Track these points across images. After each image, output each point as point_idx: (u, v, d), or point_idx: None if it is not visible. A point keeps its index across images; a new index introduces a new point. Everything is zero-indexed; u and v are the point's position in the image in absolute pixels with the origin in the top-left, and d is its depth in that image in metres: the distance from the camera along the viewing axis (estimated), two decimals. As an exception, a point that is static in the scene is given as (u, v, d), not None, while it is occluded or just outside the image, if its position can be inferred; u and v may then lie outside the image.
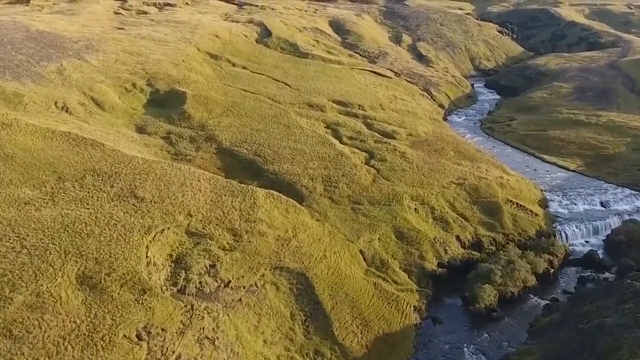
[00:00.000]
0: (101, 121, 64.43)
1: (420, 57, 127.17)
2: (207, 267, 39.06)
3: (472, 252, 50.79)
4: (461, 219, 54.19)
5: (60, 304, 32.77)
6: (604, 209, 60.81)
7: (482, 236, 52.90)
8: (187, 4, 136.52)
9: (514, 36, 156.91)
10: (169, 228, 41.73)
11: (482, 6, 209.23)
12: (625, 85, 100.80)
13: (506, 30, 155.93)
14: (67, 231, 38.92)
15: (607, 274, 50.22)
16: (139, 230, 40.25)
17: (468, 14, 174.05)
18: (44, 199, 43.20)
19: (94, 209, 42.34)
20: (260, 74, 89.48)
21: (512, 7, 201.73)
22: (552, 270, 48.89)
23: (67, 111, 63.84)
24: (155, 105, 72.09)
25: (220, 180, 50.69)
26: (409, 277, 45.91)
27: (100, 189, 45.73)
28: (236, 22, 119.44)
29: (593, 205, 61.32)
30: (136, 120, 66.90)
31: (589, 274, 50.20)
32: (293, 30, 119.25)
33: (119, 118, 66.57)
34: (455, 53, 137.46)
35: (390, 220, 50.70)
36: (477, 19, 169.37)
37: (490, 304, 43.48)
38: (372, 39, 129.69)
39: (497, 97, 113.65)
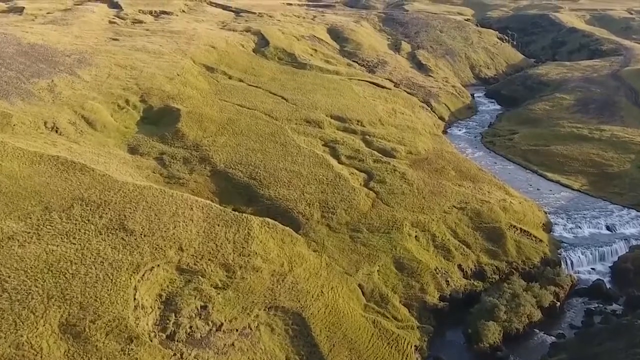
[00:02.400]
0: (92, 141, 62.63)
1: (420, 66, 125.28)
2: (198, 309, 37.26)
3: (475, 282, 49.09)
4: (463, 246, 52.40)
5: (41, 357, 30.96)
6: (609, 232, 59.06)
7: (485, 265, 51.14)
8: (183, 11, 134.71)
9: (514, 43, 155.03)
10: (158, 265, 39.93)
11: (481, 11, 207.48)
12: (628, 97, 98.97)
13: (506, 37, 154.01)
14: (51, 271, 37.12)
15: (614, 306, 48.45)
16: (127, 269, 38.43)
17: (467, 19, 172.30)
18: (29, 232, 41.39)
19: (80, 244, 40.52)
20: (257, 87, 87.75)
21: (512, 12, 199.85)
22: (558, 303, 47.08)
23: (57, 131, 62.07)
24: (149, 123, 70.34)
25: (214, 208, 48.83)
26: (409, 312, 44.15)
27: (88, 220, 43.91)
28: (233, 30, 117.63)
29: (598, 228, 59.55)
30: (128, 140, 65.11)
31: (596, 305, 48.43)
32: (291, 39, 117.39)
33: (111, 137, 64.77)
34: (455, 61, 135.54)
35: (390, 249, 48.93)
36: (476, 24, 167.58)
37: (494, 342, 41.68)
38: (370, 47, 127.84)
39: (498, 107, 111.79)
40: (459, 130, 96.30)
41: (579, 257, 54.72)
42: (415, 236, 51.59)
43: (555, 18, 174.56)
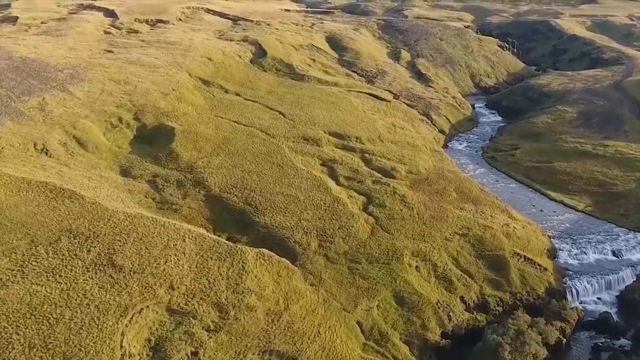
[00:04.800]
0: (83, 163, 60.81)
1: (420, 76, 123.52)
2: (188, 356, 35.59)
3: (478, 315, 47.45)
4: (465, 276, 50.68)
5: (20, 417, 29.26)
6: (616, 258, 57.37)
7: (488, 296, 49.44)
8: (180, 20, 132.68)
9: (515, 51, 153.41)
10: (148, 306, 38.17)
11: (481, 16, 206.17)
12: (631, 110, 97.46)
13: (507, 45, 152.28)
14: (35, 316, 35.41)
15: (622, 340, 46.75)
16: (114, 312, 36.68)
17: (467, 26, 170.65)
18: (13, 270, 39.67)
19: (66, 284, 38.79)
20: (254, 101, 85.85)
21: (512, 18, 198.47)
22: (565, 339, 45.34)
23: (47, 153, 60.23)
24: (142, 142, 68.52)
25: (207, 239, 47.02)
26: (410, 351, 42.45)
27: (76, 255, 42.19)
28: (230, 40, 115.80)
29: (604, 254, 57.86)
30: (121, 161, 63.25)
31: (603, 340, 46.72)
32: (289, 49, 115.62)
33: (103, 159, 62.93)
34: (455, 70, 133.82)
35: (390, 282, 47.17)
36: (476, 31, 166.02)
37: (498, 385, 40.02)
38: (370, 56, 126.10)
39: (499, 118, 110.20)
40: (460, 144, 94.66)
41: (585, 286, 53.02)
42: (416, 266, 49.86)
43: (555, 25, 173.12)
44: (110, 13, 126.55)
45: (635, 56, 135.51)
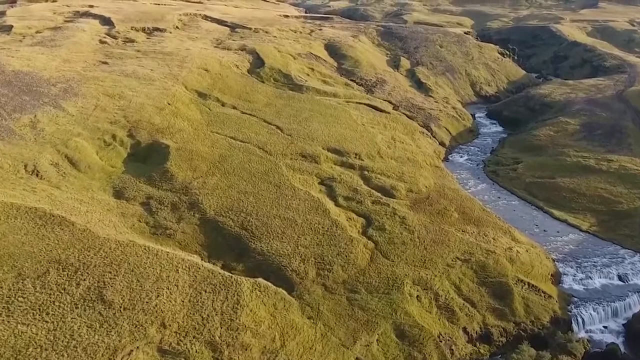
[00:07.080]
0: (75, 185, 59.20)
1: (419, 85, 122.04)
2: (180, 403, 34.05)
3: (481, 348, 46.07)
4: (468, 305, 49.18)
5: None
6: (622, 283, 55.89)
7: (492, 326, 47.96)
8: (177, 27, 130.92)
9: (515, 58, 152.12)
10: (138, 347, 36.66)
11: (481, 21, 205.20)
12: (635, 122, 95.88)
13: (507, 52, 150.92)
14: (19, 360, 33.88)
15: (630, 374, 45.42)
16: (102, 355, 35.17)
17: (467, 32, 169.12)
18: (-2, 307, 38.13)
19: (53, 323, 37.27)
20: (251, 114, 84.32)
21: (512, 23, 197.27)
22: (571, 374, 44.02)
23: (37, 175, 58.58)
24: (136, 160, 66.94)
25: (201, 268, 45.51)
26: (411, 389, 40.99)
27: (64, 289, 40.69)
28: (228, 49, 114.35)
29: (610, 278, 56.37)
30: (114, 181, 61.65)
31: (611, 374, 45.38)
32: (287, 58, 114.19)
33: (95, 179, 61.32)
34: (455, 78, 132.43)
35: (390, 314, 45.64)
36: (476, 38, 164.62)
37: None
38: (369, 64, 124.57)
39: (500, 129, 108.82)
40: (461, 157, 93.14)
41: (591, 314, 51.45)
42: (417, 296, 48.31)
43: (556, 30, 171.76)
44: (106, 21, 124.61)
45: (637, 64, 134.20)
